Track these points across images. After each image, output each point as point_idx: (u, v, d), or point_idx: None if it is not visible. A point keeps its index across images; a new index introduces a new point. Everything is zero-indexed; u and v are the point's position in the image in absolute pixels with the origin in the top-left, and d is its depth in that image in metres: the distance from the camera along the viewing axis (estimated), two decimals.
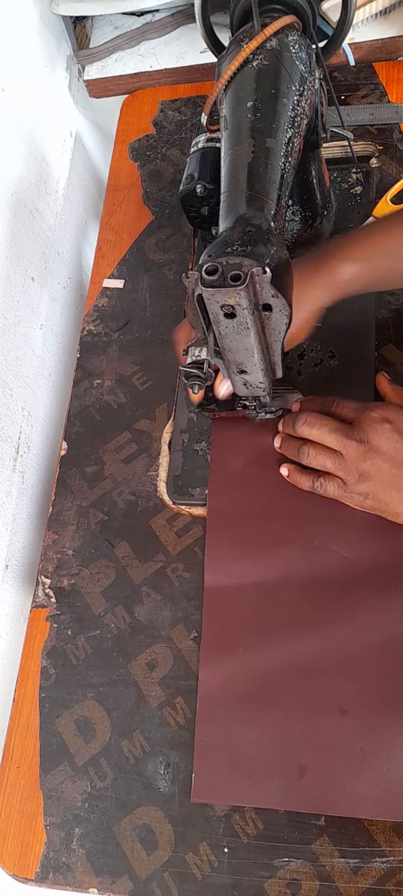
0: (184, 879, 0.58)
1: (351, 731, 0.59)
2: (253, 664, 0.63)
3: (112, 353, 0.84)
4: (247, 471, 0.71)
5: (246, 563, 0.67)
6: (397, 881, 0.56)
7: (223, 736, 0.61)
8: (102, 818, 0.62)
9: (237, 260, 0.53)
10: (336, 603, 0.64)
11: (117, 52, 1.03)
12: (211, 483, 0.72)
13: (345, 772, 0.58)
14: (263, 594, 0.66)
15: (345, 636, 0.62)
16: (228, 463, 0.72)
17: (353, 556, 0.65)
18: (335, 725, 0.60)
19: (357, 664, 0.61)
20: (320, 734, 0.60)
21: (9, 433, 0.80)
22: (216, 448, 0.73)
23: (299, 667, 0.62)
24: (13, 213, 0.84)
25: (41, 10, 0.95)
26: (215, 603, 0.66)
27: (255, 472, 0.71)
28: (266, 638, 0.64)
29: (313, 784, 0.58)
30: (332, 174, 0.86)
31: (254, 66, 0.64)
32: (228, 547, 0.68)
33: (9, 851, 0.63)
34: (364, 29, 0.94)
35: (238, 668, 0.63)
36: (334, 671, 0.61)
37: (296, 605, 0.64)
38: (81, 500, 0.76)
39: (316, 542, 0.66)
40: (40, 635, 0.70)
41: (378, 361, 0.75)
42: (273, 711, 0.61)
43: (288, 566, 0.66)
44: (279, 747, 0.60)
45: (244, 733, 0.61)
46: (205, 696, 0.63)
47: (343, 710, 0.60)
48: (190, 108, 0.99)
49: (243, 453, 0.72)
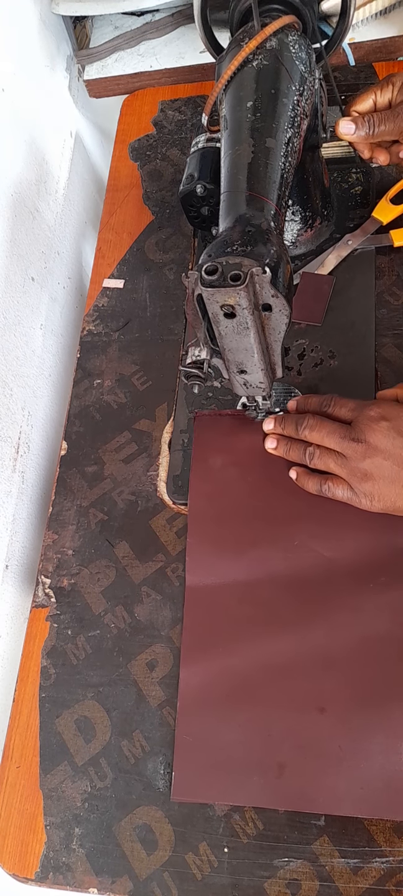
0: (184, 879, 0.58)
1: (329, 729, 0.60)
2: (233, 663, 0.63)
3: (112, 352, 0.84)
4: (228, 470, 0.72)
5: (227, 563, 0.68)
6: (397, 881, 0.55)
7: (203, 734, 0.62)
8: (102, 818, 0.62)
9: (237, 260, 0.53)
10: (316, 602, 0.64)
11: (117, 52, 1.03)
12: (192, 483, 0.72)
13: (324, 769, 0.59)
14: (243, 593, 0.66)
15: (324, 635, 0.63)
16: (209, 462, 0.73)
17: (332, 555, 0.66)
18: (313, 723, 0.60)
19: (335, 662, 0.62)
20: (299, 732, 0.60)
21: (9, 433, 0.80)
22: (197, 447, 0.74)
23: (278, 665, 0.63)
24: (13, 212, 0.84)
25: (41, 9, 0.95)
26: (196, 602, 0.67)
27: (236, 472, 0.71)
28: (246, 637, 0.64)
29: (292, 782, 0.59)
30: (332, 174, 0.86)
31: (254, 66, 0.64)
32: (209, 547, 0.69)
33: (9, 851, 0.63)
34: (364, 29, 0.94)
35: (218, 667, 0.64)
36: (313, 670, 0.62)
37: (276, 604, 0.65)
38: (81, 500, 0.76)
39: (296, 542, 0.67)
40: (40, 635, 0.70)
41: (378, 361, 0.75)
42: (252, 710, 0.62)
43: (269, 566, 0.66)
44: (258, 745, 0.60)
45: (224, 732, 0.61)
46: (186, 695, 0.63)
47: (321, 708, 0.60)
48: (190, 108, 0.99)
49: (224, 453, 0.73)
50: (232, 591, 0.66)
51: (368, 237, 0.81)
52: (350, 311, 0.78)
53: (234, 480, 0.71)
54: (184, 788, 0.60)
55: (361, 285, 0.79)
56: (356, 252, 0.81)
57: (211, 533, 0.69)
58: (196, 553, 0.69)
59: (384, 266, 0.80)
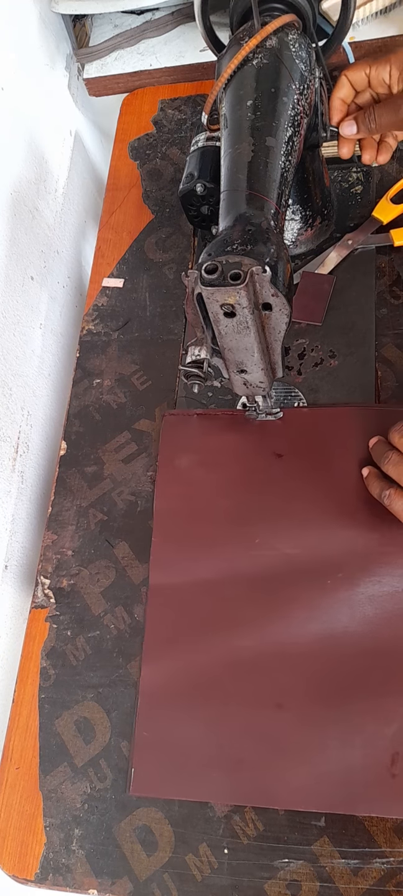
0: (184, 880, 0.58)
1: (287, 725, 0.60)
2: (194, 661, 0.64)
3: (112, 352, 0.84)
4: (195, 471, 0.72)
5: (190, 562, 0.68)
6: (397, 882, 0.55)
7: (163, 731, 0.62)
8: (102, 819, 0.62)
9: (237, 259, 0.53)
10: (276, 599, 0.65)
11: (117, 51, 1.03)
12: (158, 483, 0.73)
13: (281, 765, 0.59)
14: (206, 592, 0.67)
15: (283, 631, 0.64)
16: (176, 462, 0.73)
17: (293, 552, 0.66)
18: (271, 719, 0.61)
19: (293, 659, 0.63)
20: (257, 728, 0.61)
21: (8, 433, 0.80)
22: (164, 448, 0.74)
23: (238, 663, 0.63)
24: (12, 212, 0.84)
25: (41, 8, 0.95)
26: (159, 601, 0.68)
27: (203, 472, 0.72)
28: (207, 635, 0.65)
29: (249, 777, 0.60)
30: (332, 174, 0.86)
31: (254, 65, 0.63)
32: (174, 546, 0.70)
33: (8, 852, 0.63)
34: (365, 28, 0.94)
35: (179, 665, 0.64)
36: (272, 666, 0.63)
37: (238, 601, 0.66)
38: (81, 500, 0.76)
39: (258, 540, 0.67)
40: (40, 636, 0.70)
41: (379, 361, 0.75)
42: (212, 707, 0.62)
43: (231, 564, 0.67)
44: (217, 742, 0.61)
45: (184, 729, 0.62)
46: (146, 693, 0.64)
47: (279, 704, 0.61)
48: (189, 107, 0.99)
49: (191, 452, 0.73)
50: (195, 589, 0.67)
51: (368, 237, 0.81)
52: (351, 311, 0.78)
53: (200, 481, 0.72)
54: (142, 784, 0.61)
55: (361, 285, 0.79)
56: (356, 252, 0.81)
57: (177, 533, 0.70)
58: (160, 552, 0.70)
59: (384, 266, 0.80)
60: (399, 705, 0.59)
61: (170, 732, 0.62)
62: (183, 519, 0.70)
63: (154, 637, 0.66)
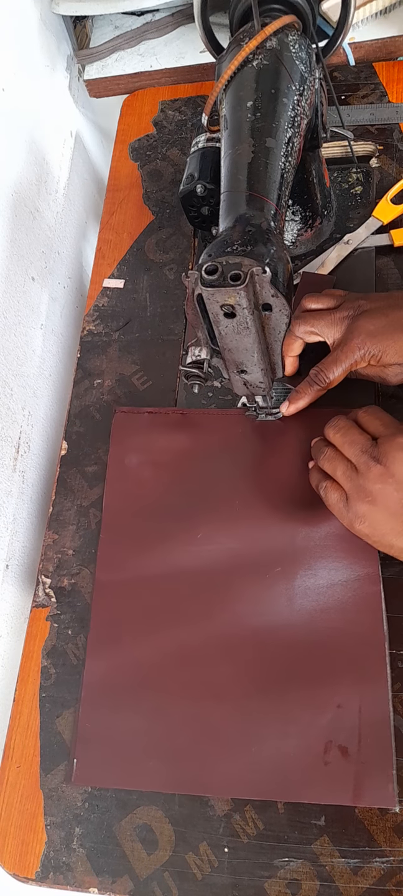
0: (185, 879, 0.58)
1: (224, 716, 0.62)
2: (136, 655, 0.66)
3: (112, 352, 0.84)
4: (144, 468, 0.74)
5: (137, 559, 0.70)
6: (397, 881, 0.56)
7: (105, 723, 0.64)
8: (103, 818, 0.62)
9: (237, 259, 0.53)
10: (217, 592, 0.66)
11: (117, 52, 1.03)
12: (107, 480, 0.74)
13: (218, 754, 0.61)
14: (149, 588, 0.68)
15: (223, 624, 0.65)
16: (125, 459, 0.75)
17: (234, 545, 0.68)
18: (210, 711, 0.62)
19: (233, 651, 0.64)
20: (195, 719, 0.62)
21: (9, 433, 0.80)
22: (114, 445, 0.76)
23: (180, 655, 0.65)
24: (13, 212, 0.84)
25: (41, 9, 0.95)
26: (104, 597, 0.69)
27: (151, 470, 0.74)
28: (150, 630, 0.66)
29: (188, 767, 0.61)
30: (332, 174, 0.86)
31: (254, 66, 0.64)
32: (121, 543, 0.71)
33: (9, 851, 0.63)
34: (365, 28, 0.94)
35: (122, 658, 0.66)
36: (212, 658, 0.64)
37: (181, 596, 0.67)
38: (82, 500, 0.76)
39: (200, 535, 0.69)
40: (40, 635, 0.70)
41: None
42: (153, 699, 0.64)
43: (174, 560, 0.69)
44: (157, 733, 0.62)
45: (125, 720, 0.63)
46: (90, 685, 0.65)
47: (217, 695, 0.63)
48: (190, 108, 0.99)
49: (139, 450, 0.75)
50: (140, 585, 0.68)
51: (368, 237, 0.81)
52: None
53: (149, 478, 0.73)
54: (85, 775, 0.63)
55: (361, 285, 0.79)
56: (356, 252, 0.81)
57: (124, 530, 0.71)
58: (107, 549, 0.71)
59: (384, 266, 0.80)
60: (332, 695, 0.61)
61: (112, 724, 0.64)
62: (130, 516, 0.72)
63: (98, 631, 0.68)
